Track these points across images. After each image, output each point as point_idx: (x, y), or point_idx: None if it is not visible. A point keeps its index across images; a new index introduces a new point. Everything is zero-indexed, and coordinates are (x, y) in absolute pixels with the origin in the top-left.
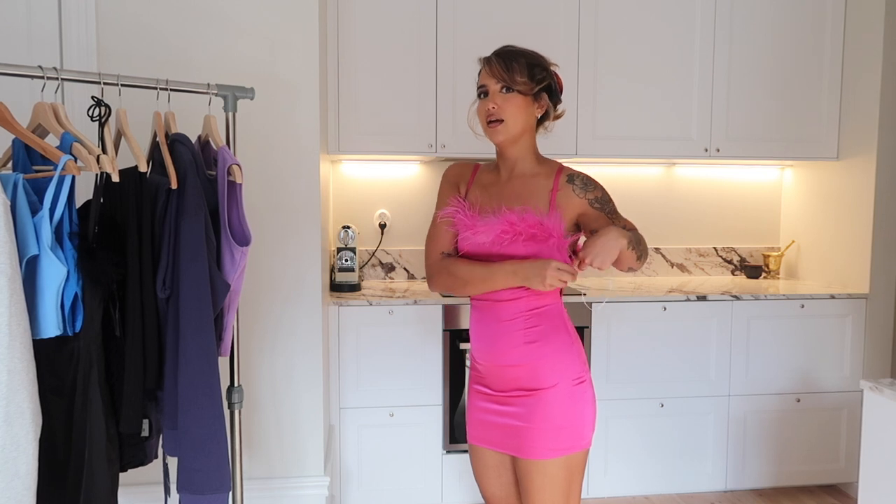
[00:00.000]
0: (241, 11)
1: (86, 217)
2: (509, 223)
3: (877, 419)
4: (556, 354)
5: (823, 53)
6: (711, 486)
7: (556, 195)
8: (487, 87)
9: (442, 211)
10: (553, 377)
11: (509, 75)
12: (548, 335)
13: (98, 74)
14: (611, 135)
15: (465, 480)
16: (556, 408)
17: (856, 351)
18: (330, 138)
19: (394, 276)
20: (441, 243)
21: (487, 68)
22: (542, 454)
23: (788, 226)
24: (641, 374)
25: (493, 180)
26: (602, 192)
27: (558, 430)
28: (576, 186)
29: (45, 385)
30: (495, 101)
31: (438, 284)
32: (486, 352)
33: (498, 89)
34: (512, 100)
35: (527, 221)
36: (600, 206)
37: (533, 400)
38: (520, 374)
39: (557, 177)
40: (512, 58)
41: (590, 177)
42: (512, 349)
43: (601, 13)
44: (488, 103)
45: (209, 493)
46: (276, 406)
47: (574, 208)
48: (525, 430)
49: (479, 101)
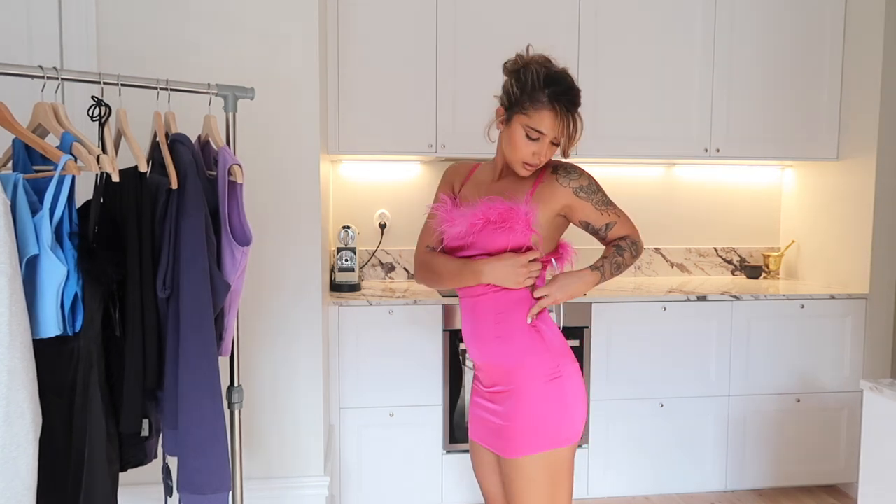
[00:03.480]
0: (241, 11)
1: (86, 217)
2: (480, 212)
3: (877, 419)
4: (523, 352)
5: (823, 53)
6: (711, 486)
7: (539, 186)
8: (544, 135)
9: (430, 205)
10: (523, 374)
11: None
12: (512, 333)
13: (98, 74)
14: (611, 135)
15: (465, 480)
16: (529, 406)
17: (856, 351)
18: (330, 138)
19: (394, 276)
20: (427, 237)
21: (554, 116)
22: (519, 452)
23: (788, 226)
24: (641, 375)
25: (486, 178)
26: (589, 180)
27: (535, 428)
28: (560, 176)
29: (45, 385)
30: (543, 153)
31: (420, 278)
32: (471, 347)
33: (550, 140)
34: (553, 149)
35: (496, 209)
36: (586, 195)
37: (509, 398)
38: (498, 371)
39: (544, 169)
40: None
41: (575, 165)
42: (487, 345)
43: (601, 13)
44: (539, 153)
45: (209, 492)
46: (276, 406)
47: (559, 199)
48: (504, 429)
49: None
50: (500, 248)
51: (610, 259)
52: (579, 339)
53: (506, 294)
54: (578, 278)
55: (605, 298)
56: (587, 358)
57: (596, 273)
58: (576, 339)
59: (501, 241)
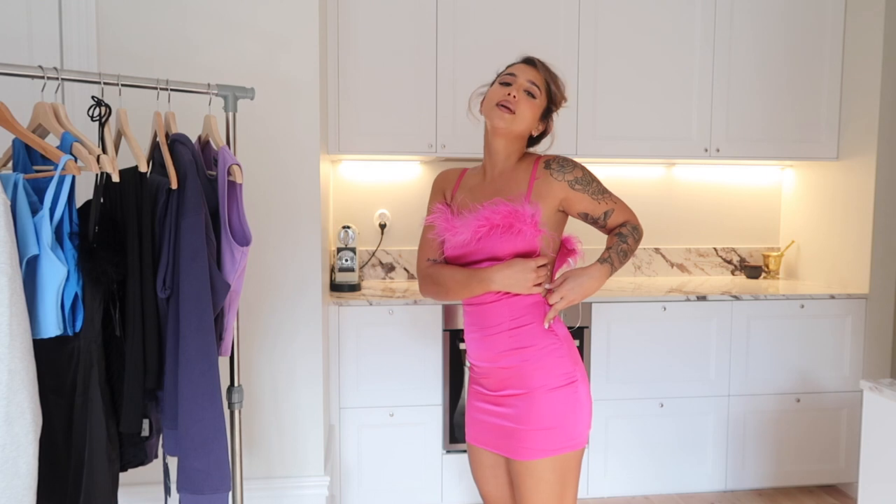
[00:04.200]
0: (241, 11)
1: (86, 217)
2: (484, 217)
3: (877, 419)
4: (543, 356)
5: (823, 53)
6: (711, 486)
7: (535, 183)
8: (517, 76)
9: (426, 217)
10: (541, 378)
11: (546, 81)
12: (532, 337)
13: (98, 74)
14: (611, 134)
15: (465, 480)
16: (546, 409)
17: (855, 351)
18: (330, 138)
19: (394, 276)
20: (427, 250)
21: (527, 65)
22: (532, 455)
23: (788, 226)
24: (641, 374)
25: (478, 181)
26: (583, 171)
27: (549, 431)
28: (553, 170)
29: (45, 385)
30: (517, 92)
31: (425, 292)
32: (479, 353)
33: (524, 85)
34: (530, 101)
35: (500, 212)
36: (582, 186)
37: (523, 401)
38: (510, 375)
39: (535, 165)
40: (553, 73)
41: (568, 158)
42: (500, 352)
43: (601, 12)
44: (511, 90)
45: (209, 492)
46: (276, 406)
47: (555, 193)
48: (516, 432)
49: (496, 85)
50: (510, 253)
51: (615, 249)
52: (579, 339)
53: (519, 299)
54: (589, 275)
55: (605, 298)
56: (587, 358)
57: (606, 266)
58: (576, 339)
59: (510, 245)
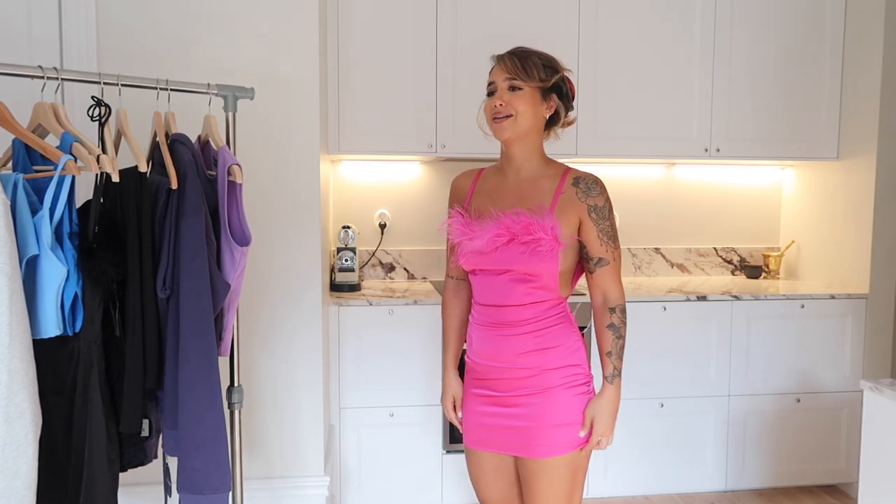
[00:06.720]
0: (241, 11)
1: (86, 217)
2: (504, 226)
3: (877, 419)
4: (567, 356)
5: (823, 53)
6: (711, 486)
7: (560, 198)
8: (496, 83)
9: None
10: (559, 377)
11: (520, 70)
12: (558, 338)
13: (98, 74)
14: (611, 134)
15: (464, 480)
16: (562, 406)
17: (856, 351)
18: (330, 138)
19: (394, 276)
20: (450, 267)
21: (499, 65)
22: (549, 452)
23: (788, 226)
24: (641, 374)
25: (496, 184)
26: (604, 201)
27: (566, 428)
28: (579, 190)
29: (45, 385)
30: (502, 98)
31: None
32: (491, 353)
33: (506, 87)
34: (520, 96)
35: (521, 223)
36: (596, 217)
37: (541, 399)
38: (529, 376)
39: (563, 179)
40: (524, 56)
41: (598, 180)
42: (520, 353)
43: (601, 12)
44: (495, 100)
45: (209, 492)
46: (276, 406)
47: (575, 211)
48: (531, 430)
49: (487, 100)
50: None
51: (615, 352)
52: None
53: (543, 302)
54: (609, 401)
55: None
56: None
57: (616, 380)
58: None
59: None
